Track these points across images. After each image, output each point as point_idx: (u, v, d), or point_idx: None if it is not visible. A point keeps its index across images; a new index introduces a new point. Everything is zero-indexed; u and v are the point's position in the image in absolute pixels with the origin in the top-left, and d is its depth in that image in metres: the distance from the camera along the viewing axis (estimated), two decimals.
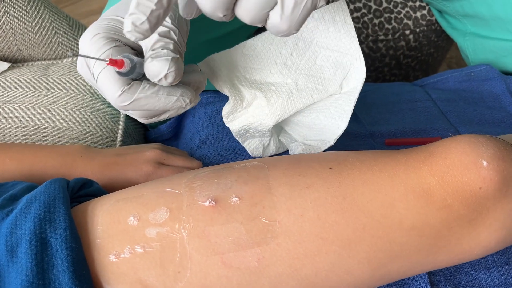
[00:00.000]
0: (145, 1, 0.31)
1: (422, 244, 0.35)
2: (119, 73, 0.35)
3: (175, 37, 0.38)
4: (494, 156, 0.35)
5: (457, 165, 0.35)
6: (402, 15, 0.80)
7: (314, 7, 0.34)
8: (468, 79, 0.65)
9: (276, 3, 0.33)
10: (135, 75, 0.36)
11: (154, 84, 0.37)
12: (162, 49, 0.36)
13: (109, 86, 0.36)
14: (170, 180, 0.38)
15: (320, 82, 0.49)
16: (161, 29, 0.37)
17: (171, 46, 0.37)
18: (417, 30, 0.80)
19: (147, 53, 0.37)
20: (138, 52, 0.39)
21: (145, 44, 0.38)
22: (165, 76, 0.36)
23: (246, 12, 0.33)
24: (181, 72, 0.37)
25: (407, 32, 0.80)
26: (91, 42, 0.37)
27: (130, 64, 0.35)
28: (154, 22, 0.32)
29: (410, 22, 0.80)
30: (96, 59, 0.35)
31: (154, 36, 0.37)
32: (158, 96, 0.37)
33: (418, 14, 0.80)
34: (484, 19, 0.66)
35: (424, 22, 0.80)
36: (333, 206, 0.35)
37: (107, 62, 0.34)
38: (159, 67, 0.35)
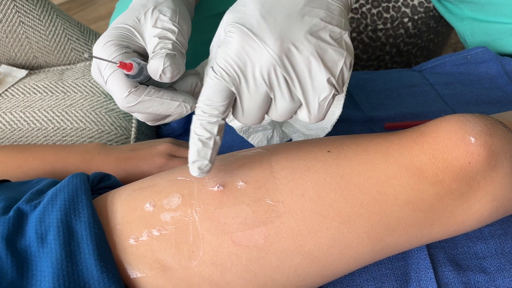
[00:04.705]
0: (204, 149, 0.36)
1: (417, 218, 0.38)
2: (128, 76, 0.38)
3: (173, 37, 0.40)
4: (481, 132, 0.38)
5: (447, 143, 0.37)
6: (399, 3, 0.81)
7: (333, 99, 0.38)
8: (465, 62, 0.66)
9: (301, 104, 0.37)
10: (142, 78, 0.39)
11: (159, 89, 0.39)
12: (161, 49, 0.39)
13: (117, 87, 0.38)
14: (181, 169, 0.41)
15: None
16: (160, 31, 0.40)
17: (169, 46, 0.39)
18: (416, 17, 0.82)
19: (150, 56, 0.40)
20: (146, 58, 0.42)
21: (149, 49, 0.40)
22: (163, 71, 0.38)
23: (278, 117, 0.38)
24: (178, 67, 0.39)
25: (406, 20, 0.82)
26: (103, 48, 0.40)
27: (138, 68, 0.38)
28: (214, 160, 0.37)
29: (408, 10, 0.81)
30: (108, 61, 0.38)
31: (155, 40, 0.40)
32: (162, 100, 0.39)
33: (416, 1, 0.81)
34: (479, 3, 0.67)
35: (422, 9, 0.82)
36: (331, 186, 0.37)
37: (118, 65, 0.37)
38: (156, 64, 0.38)
